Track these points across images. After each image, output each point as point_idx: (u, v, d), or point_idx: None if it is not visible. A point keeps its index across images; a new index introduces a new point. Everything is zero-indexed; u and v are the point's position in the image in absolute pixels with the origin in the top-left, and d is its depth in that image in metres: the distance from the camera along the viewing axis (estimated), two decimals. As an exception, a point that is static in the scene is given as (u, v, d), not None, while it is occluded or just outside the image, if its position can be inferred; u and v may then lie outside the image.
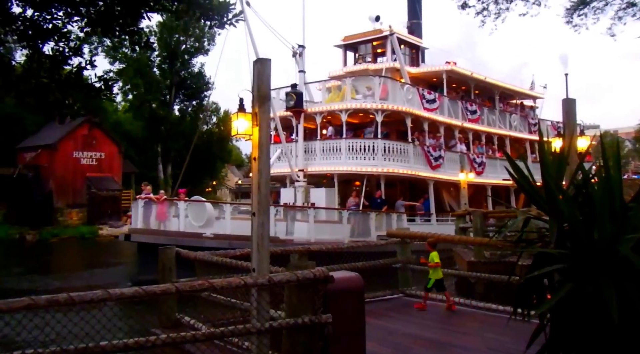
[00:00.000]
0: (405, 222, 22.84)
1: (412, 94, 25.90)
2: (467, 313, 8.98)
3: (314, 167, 24.56)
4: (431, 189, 25.52)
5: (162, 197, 19.33)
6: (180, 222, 18.58)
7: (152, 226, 18.91)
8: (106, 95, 5.88)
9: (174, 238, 17.45)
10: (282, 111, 25.68)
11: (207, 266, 7.80)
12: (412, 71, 29.11)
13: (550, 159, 3.89)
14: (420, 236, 10.72)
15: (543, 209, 3.78)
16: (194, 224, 18.47)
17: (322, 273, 5.62)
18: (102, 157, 45.88)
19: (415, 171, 24.85)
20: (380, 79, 25.13)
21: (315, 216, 20.73)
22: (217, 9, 5.60)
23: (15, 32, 5.14)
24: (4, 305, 4.12)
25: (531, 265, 3.69)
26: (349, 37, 30.13)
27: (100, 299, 4.39)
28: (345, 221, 20.96)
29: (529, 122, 34.68)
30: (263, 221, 6.15)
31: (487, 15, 13.78)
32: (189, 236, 17.96)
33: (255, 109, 6.41)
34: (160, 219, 18.88)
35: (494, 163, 29.74)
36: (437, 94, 27.43)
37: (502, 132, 31.60)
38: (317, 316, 5.55)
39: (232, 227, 18.51)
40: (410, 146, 25.01)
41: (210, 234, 18.00)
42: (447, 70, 28.68)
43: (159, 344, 4.91)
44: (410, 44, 30.86)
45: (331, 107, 24.78)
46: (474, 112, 29.61)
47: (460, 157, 27.33)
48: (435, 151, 26.19)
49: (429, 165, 25.60)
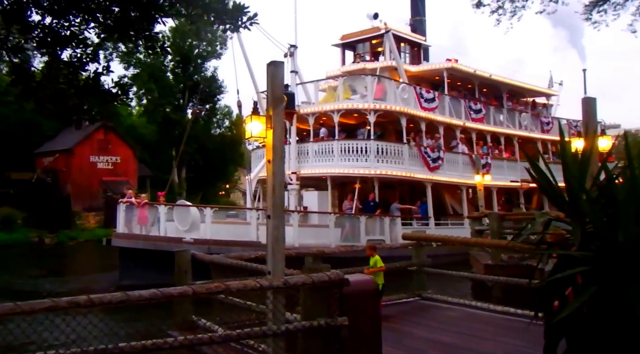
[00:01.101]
0: (399, 226, 22.24)
1: (408, 93, 25.13)
2: (484, 317, 8.91)
3: (307, 169, 23.95)
4: (429, 192, 24.77)
5: (142, 201, 19.06)
6: (161, 227, 18.36)
7: (135, 231, 18.69)
8: (122, 100, 5.94)
9: (153, 243, 17.47)
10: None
11: (222, 269, 7.83)
12: (412, 70, 28.39)
13: (571, 159, 3.83)
14: (436, 239, 10.65)
15: (565, 211, 3.73)
16: (179, 228, 18.21)
17: (338, 276, 5.63)
18: (118, 161, 46.28)
19: (411, 172, 24.08)
20: (372, 79, 24.41)
21: (308, 220, 20.35)
22: (230, 12, 5.62)
23: (34, 39, 5.20)
24: (26, 307, 4.19)
25: (553, 268, 3.63)
26: (347, 36, 29.43)
27: (119, 301, 4.43)
28: (332, 225, 20.34)
29: (542, 121, 33.51)
30: (278, 223, 6.17)
31: (503, 14, 13.64)
32: (168, 240, 17.70)
33: (269, 111, 6.44)
34: (141, 223, 18.67)
35: (500, 164, 29.04)
36: (436, 93, 26.63)
37: (510, 132, 30.59)
38: (333, 319, 5.55)
39: (217, 231, 18.13)
40: (405, 147, 24.22)
41: (190, 239, 17.70)
42: (447, 68, 27.81)
43: (176, 346, 4.94)
44: (411, 42, 30.04)
45: (323, 108, 24.20)
46: (478, 111, 28.68)
47: (475, 158, 26.83)
48: (434, 152, 25.36)
49: (426, 166, 24.80)
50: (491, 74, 30.13)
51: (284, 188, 24.06)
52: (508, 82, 31.38)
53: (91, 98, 5.67)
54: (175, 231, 18.35)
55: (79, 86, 5.45)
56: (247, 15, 5.58)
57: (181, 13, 5.63)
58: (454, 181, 26.11)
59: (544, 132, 32.83)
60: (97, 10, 5.17)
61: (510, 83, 31.54)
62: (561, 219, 3.83)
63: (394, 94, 24.32)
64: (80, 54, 5.36)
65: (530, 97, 35.08)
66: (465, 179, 26.61)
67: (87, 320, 4.58)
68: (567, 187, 3.60)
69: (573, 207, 3.57)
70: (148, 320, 7.77)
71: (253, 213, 19.46)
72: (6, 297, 13.37)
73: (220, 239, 17.37)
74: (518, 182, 28.82)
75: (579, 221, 3.51)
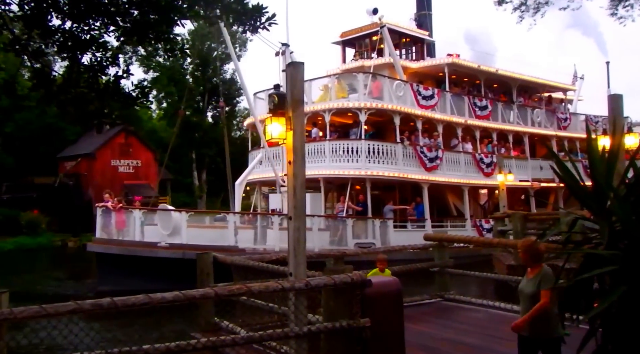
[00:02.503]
0: (391, 228, 21.51)
1: (403, 90, 24.03)
2: (507, 318, 8.78)
3: None
4: (425, 193, 23.66)
5: (117, 205, 18.73)
6: (136, 231, 18.04)
7: (114, 236, 18.38)
8: (142, 103, 5.96)
9: (126, 248, 17.24)
10: (265, 114, 24.64)
11: (244, 271, 7.83)
12: (413, 66, 27.38)
13: (599, 157, 3.76)
14: (459, 240, 10.54)
15: (592, 210, 3.66)
16: (163, 232, 17.96)
17: (360, 277, 5.60)
18: (139, 165, 46.71)
19: (405, 173, 23.00)
20: (364, 76, 23.41)
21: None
22: (249, 13, 5.61)
23: (54, 44, 5.24)
24: (51, 309, 4.22)
25: (580, 267, 3.57)
26: (347, 33, 28.41)
27: (142, 303, 4.45)
28: (316, 228, 19.37)
29: (558, 117, 32.01)
30: (299, 225, 6.15)
31: (526, 11, 13.48)
32: (142, 246, 17.47)
33: (289, 113, 6.43)
34: (119, 227, 18.36)
35: (508, 163, 27.37)
36: (436, 89, 25.49)
37: (519, 129, 29.04)
38: (355, 321, 5.52)
39: (196, 236, 17.79)
40: (399, 147, 23.15)
41: (165, 244, 17.44)
42: (448, 63, 26.56)
43: (199, 348, 4.96)
44: (413, 38, 28.97)
45: (314, 108, 23.15)
46: (483, 108, 27.25)
47: (497, 159, 25.94)
48: (431, 152, 24.21)
49: (422, 166, 23.75)
50: (498, 69, 28.99)
51: (279, 190, 22.90)
52: (518, 77, 29.96)
53: (111, 101, 5.70)
54: (160, 235, 18.00)
55: (99, 90, 5.48)
56: (265, 15, 5.56)
57: (200, 15, 5.63)
58: (454, 181, 25.02)
59: (560, 129, 31.40)
60: (117, 14, 5.19)
61: (520, 78, 30.09)
62: (588, 218, 3.77)
63: (388, 92, 23.48)
64: (100, 57, 5.38)
65: (545, 92, 33.63)
66: (468, 179, 25.57)
67: (109, 324, 4.61)
68: (594, 186, 3.54)
69: (600, 205, 3.51)
70: (170, 324, 7.81)
71: (231, 217, 19.09)
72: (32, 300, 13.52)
73: (196, 243, 16.97)
74: (528, 182, 27.94)
75: (607, 220, 3.46)
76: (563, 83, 33.96)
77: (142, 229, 18.25)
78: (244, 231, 18.98)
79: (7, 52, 5.08)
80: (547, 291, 5.00)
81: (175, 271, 15.23)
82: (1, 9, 4.94)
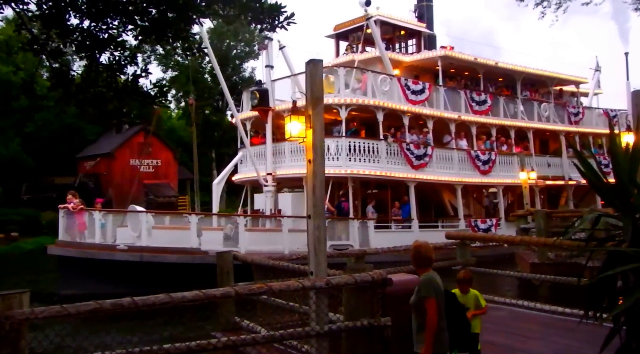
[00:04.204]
0: (371, 229, 20.37)
1: (389, 85, 22.68)
2: (531, 316, 8.69)
3: (283, 170, 22.27)
4: (412, 192, 22.29)
5: (78, 207, 18.02)
6: (96, 234, 17.40)
7: (78, 238, 17.81)
8: (161, 101, 5.95)
9: (84, 251, 16.78)
10: (249, 111, 23.97)
11: (264, 270, 7.81)
12: (406, 60, 26.16)
13: (622, 154, 3.70)
14: (481, 238, 10.42)
15: (615, 206, 3.62)
16: (132, 234, 17.46)
17: (380, 276, 5.55)
18: (159, 164, 46.94)
19: (389, 171, 21.70)
20: (344, 71, 22.17)
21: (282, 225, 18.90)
22: (267, 12, 5.57)
23: (73, 43, 5.24)
24: (72, 309, 4.23)
25: (603, 265, 3.54)
26: (340, 26, 27.23)
27: (162, 303, 4.44)
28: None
29: (568, 111, 30.27)
30: (319, 224, 6.11)
31: (548, 6, 13.30)
32: (101, 248, 16.96)
33: (309, 111, 6.38)
34: (80, 230, 17.81)
35: (510, 160, 26.15)
36: (427, 84, 24.06)
37: (522, 124, 27.44)
38: (376, 319, 5.49)
39: (158, 237, 17.18)
40: (382, 144, 21.82)
41: (123, 246, 16.95)
42: (441, 56, 25.10)
43: (220, 347, 4.94)
44: (409, 30, 27.64)
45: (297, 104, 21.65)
46: (482, 103, 25.75)
47: (519, 157, 25.25)
48: (419, 149, 22.79)
49: (409, 164, 22.37)
50: (497, 61, 27.29)
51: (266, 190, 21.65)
52: (522, 70, 28.06)
53: (130, 101, 5.69)
54: (131, 237, 17.50)
55: (118, 89, 5.47)
56: (284, 14, 5.52)
57: (218, 13, 5.60)
58: (446, 179, 23.64)
59: (571, 123, 29.81)
60: (135, 13, 5.18)
61: (524, 71, 28.18)
62: (611, 214, 3.73)
63: (372, 87, 22.20)
64: (118, 57, 5.37)
65: (555, 85, 31.45)
66: (461, 177, 24.10)
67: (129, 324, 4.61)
68: (618, 182, 3.50)
69: (624, 202, 3.46)
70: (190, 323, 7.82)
71: (193, 218, 18.17)
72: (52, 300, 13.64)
73: (156, 246, 16.62)
74: (533, 180, 26.08)
75: (631, 217, 3.42)
76: (575, 76, 31.89)
77: (115, 231, 17.74)
78: (212, 232, 18.22)
79: (26, 51, 5.09)
80: (430, 301, 4.66)
81: (133, 275, 15.10)
82: (20, 8, 4.95)
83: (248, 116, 24.16)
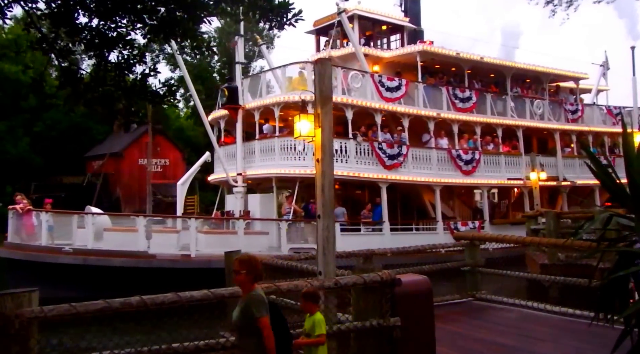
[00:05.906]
0: (337, 232, 18.99)
1: (361, 81, 21.73)
2: (540, 318, 8.61)
3: (253, 170, 21.52)
4: (384, 193, 21.16)
5: (25, 208, 17.41)
6: (43, 236, 16.92)
7: (28, 240, 17.27)
8: (170, 101, 5.94)
9: (30, 253, 16.40)
10: (219, 110, 23.50)
11: (273, 270, 7.78)
12: (385, 56, 25.20)
13: (635, 153, 3.65)
14: (490, 239, 10.34)
15: (627, 207, 3.58)
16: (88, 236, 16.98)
17: (389, 276, 5.51)
18: (167, 164, 46.99)
19: (358, 172, 20.68)
20: (311, 67, 20.41)
21: (250, 227, 18.53)
22: (276, 9, 5.55)
23: (81, 41, 5.24)
24: (81, 307, 4.22)
25: (614, 266, 3.50)
26: (320, 21, 26.17)
27: (171, 302, 4.42)
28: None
29: (565, 108, 28.70)
30: (328, 223, 6.08)
31: (558, 4, 13.18)
32: (46, 251, 16.52)
33: (318, 110, 6.35)
34: (28, 232, 17.32)
35: (496, 160, 24.88)
36: (403, 80, 22.88)
37: (511, 122, 25.84)
38: (385, 320, 5.45)
39: (108, 240, 16.76)
40: (351, 143, 20.83)
41: (69, 249, 16.50)
42: (420, 51, 23.79)
43: (228, 347, 4.92)
44: (391, 25, 26.57)
45: (264, 102, 21.28)
46: (465, 100, 24.39)
47: (530, 157, 24.58)
48: (392, 148, 21.70)
49: (381, 164, 21.33)
50: (483, 56, 25.72)
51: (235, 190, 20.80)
52: (511, 66, 26.81)
53: (139, 100, 5.69)
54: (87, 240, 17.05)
55: (126, 88, 5.47)
56: (292, 12, 5.50)
57: (226, 12, 5.59)
58: (422, 180, 22.47)
59: (568, 121, 28.43)
60: (143, 11, 5.17)
61: (514, 66, 26.92)
62: (623, 215, 3.68)
63: (341, 84, 21.16)
64: (127, 55, 5.38)
65: (552, 82, 29.99)
66: (441, 177, 22.94)
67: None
68: (630, 182, 3.46)
69: (637, 202, 3.42)
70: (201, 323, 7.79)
71: (140, 220, 17.47)
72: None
73: (102, 248, 16.34)
74: (521, 181, 25.20)
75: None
76: (573, 71, 30.15)
77: (77, 233, 17.36)
78: (163, 235, 17.70)
79: (35, 50, 5.09)
80: (265, 320, 4.07)
81: (77, 278, 14.90)
82: (29, 7, 4.94)
83: (221, 114, 23.63)
